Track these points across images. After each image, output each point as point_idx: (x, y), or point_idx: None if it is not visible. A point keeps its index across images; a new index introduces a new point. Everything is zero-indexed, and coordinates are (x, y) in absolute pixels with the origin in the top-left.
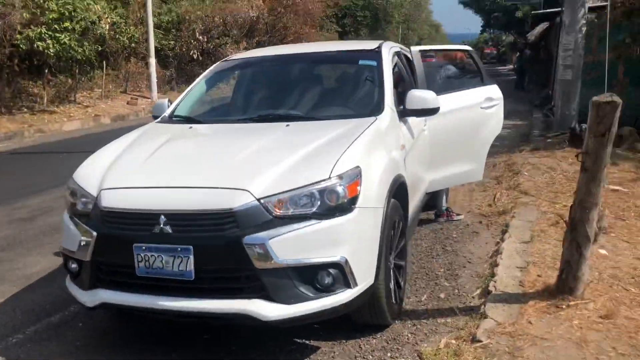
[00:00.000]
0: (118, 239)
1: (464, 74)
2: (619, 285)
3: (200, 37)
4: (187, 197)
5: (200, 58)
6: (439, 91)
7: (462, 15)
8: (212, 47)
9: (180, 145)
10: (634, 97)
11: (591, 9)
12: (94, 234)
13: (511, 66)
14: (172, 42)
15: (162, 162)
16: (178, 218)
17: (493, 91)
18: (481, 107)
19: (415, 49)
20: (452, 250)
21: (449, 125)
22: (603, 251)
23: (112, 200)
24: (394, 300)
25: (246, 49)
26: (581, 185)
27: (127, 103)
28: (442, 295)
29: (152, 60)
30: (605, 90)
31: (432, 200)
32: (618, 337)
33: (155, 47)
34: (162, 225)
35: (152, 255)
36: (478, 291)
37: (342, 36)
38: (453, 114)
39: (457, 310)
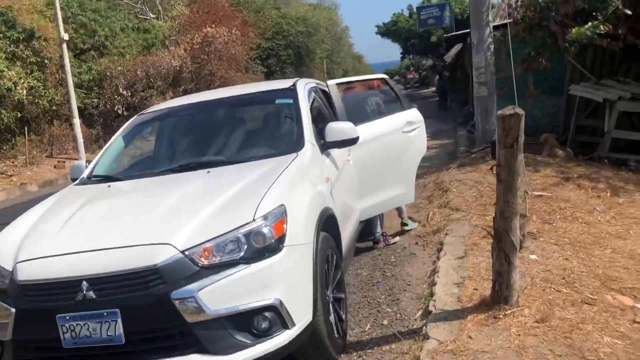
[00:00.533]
0: (39, 313)
1: (385, 101)
2: (552, 288)
3: (124, 92)
4: (108, 259)
5: (126, 113)
6: (363, 120)
7: (382, 44)
8: (137, 100)
9: (98, 206)
10: (548, 106)
11: (496, 27)
12: (12, 310)
13: (433, 88)
14: (95, 100)
15: (80, 225)
16: (101, 282)
17: (413, 115)
18: (403, 132)
19: (332, 82)
20: (392, 275)
21: (374, 152)
22: (533, 256)
23: (28, 273)
24: (336, 334)
25: (172, 98)
26: (499, 196)
27: (54, 167)
28: (385, 322)
29: (77, 121)
30: (515, 102)
31: (367, 227)
32: (554, 339)
33: (79, 107)
34: (84, 292)
35: (77, 324)
36: (419, 313)
37: (269, 76)
38: (376, 141)
39: (400, 335)
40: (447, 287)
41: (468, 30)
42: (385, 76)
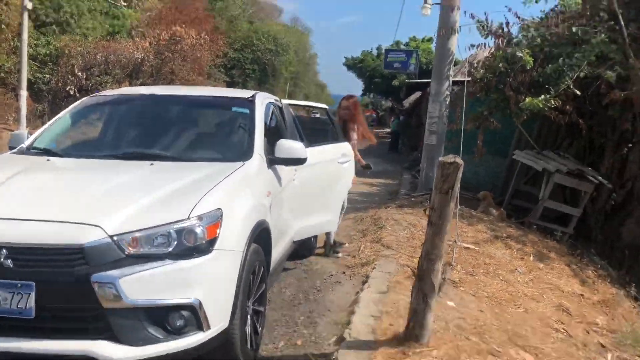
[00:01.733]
0: None
1: (324, 130)
2: (462, 335)
3: (80, 74)
4: (33, 230)
5: (78, 95)
6: (308, 143)
7: (346, 77)
8: (91, 84)
9: (32, 177)
10: (492, 166)
11: (455, 82)
12: None
13: (388, 130)
14: (47, 76)
15: (10, 193)
16: (21, 252)
17: (347, 148)
18: (338, 162)
19: (285, 101)
20: (314, 299)
21: (315, 176)
22: (451, 303)
23: None
24: (249, 345)
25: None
26: (428, 238)
27: None
28: (299, 342)
29: (24, 92)
30: (461, 156)
31: (299, 249)
32: None
33: (29, 80)
34: (2, 259)
35: None
36: (334, 338)
37: (231, 86)
38: (318, 166)
39: (312, 357)
40: (364, 318)
41: (429, 80)
42: (325, 106)
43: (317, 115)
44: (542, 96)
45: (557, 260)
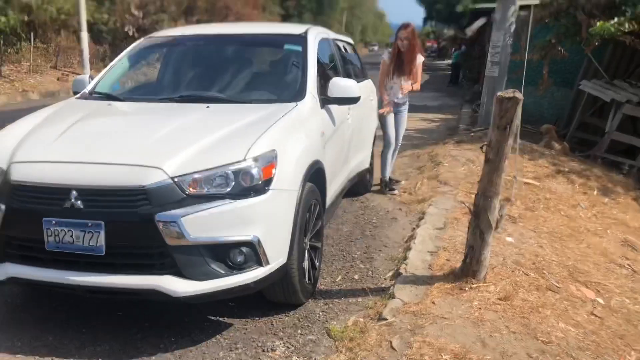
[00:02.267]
0: (27, 213)
1: (355, 66)
2: (520, 271)
3: (136, 12)
4: (99, 173)
5: (136, 35)
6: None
7: (406, 4)
8: (148, 23)
9: (96, 122)
10: (557, 97)
11: (522, 7)
12: (3, 207)
13: (449, 61)
14: (105, 16)
15: (77, 137)
16: (90, 193)
17: (372, 85)
18: (370, 99)
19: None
20: (371, 235)
21: (360, 114)
22: (510, 239)
23: (22, 174)
24: (307, 280)
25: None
26: (484, 175)
27: (58, 79)
28: (356, 277)
29: (84, 35)
30: (522, 89)
31: (355, 186)
32: (512, 317)
33: (88, 21)
34: (73, 200)
35: (62, 230)
36: (390, 273)
37: (285, 19)
38: (362, 103)
39: (369, 291)
40: (420, 254)
41: (494, 5)
42: (351, 41)
43: (376, 48)
44: (615, 19)
45: (623, 194)
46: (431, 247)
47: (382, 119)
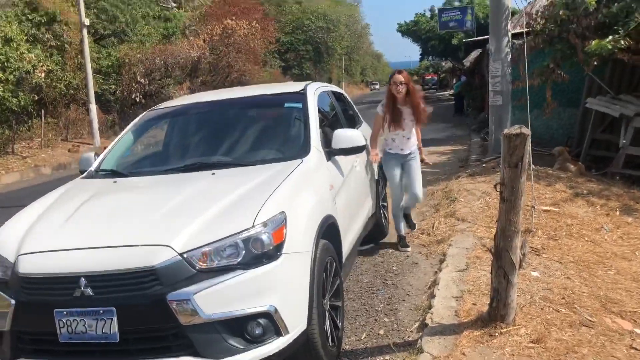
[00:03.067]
0: (38, 306)
1: (353, 112)
2: (550, 307)
3: (142, 80)
4: (107, 257)
5: (143, 101)
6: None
7: (402, 43)
8: (154, 89)
9: (102, 202)
10: (564, 118)
11: (515, 35)
12: (12, 302)
13: (451, 91)
14: (113, 86)
15: (82, 221)
16: (99, 279)
17: (368, 127)
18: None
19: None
20: (392, 284)
21: (364, 160)
22: (535, 273)
23: (29, 266)
24: (330, 342)
25: (190, 89)
26: (501, 215)
27: (69, 151)
28: (381, 332)
29: (93, 106)
30: (528, 114)
31: (370, 233)
32: None
33: (96, 92)
34: (82, 288)
35: (74, 320)
36: (416, 325)
37: (286, 71)
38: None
39: (395, 347)
40: (445, 300)
41: (488, 36)
42: (343, 91)
43: (377, 87)
44: (610, 37)
45: None
46: (455, 292)
47: (387, 172)
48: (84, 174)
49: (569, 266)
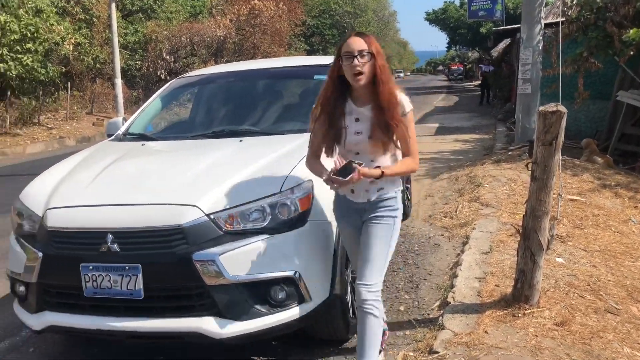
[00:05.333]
0: (64, 260)
1: None
2: (575, 293)
3: (168, 57)
4: (134, 214)
5: (168, 78)
6: None
7: (429, 32)
8: (179, 67)
9: (130, 163)
10: (593, 110)
11: (547, 25)
12: (40, 254)
13: (477, 82)
14: (139, 63)
15: (111, 179)
16: (125, 236)
17: None
18: None
19: None
20: (414, 263)
21: None
22: (560, 259)
23: (57, 220)
24: (351, 314)
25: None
26: (531, 194)
27: (93, 124)
28: (401, 308)
29: (118, 81)
30: (559, 102)
31: None
32: (572, 343)
33: (122, 68)
34: (109, 244)
35: (99, 275)
36: (437, 303)
37: (310, 54)
38: None
39: (416, 323)
40: (468, 281)
41: (518, 25)
42: None
43: (401, 75)
44: None
45: None
46: (478, 273)
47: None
48: (112, 137)
49: (594, 255)
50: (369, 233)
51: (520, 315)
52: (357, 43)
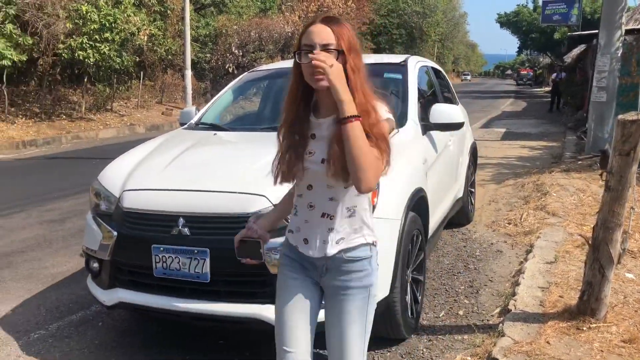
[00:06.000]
0: (137, 240)
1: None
2: None
3: (236, 51)
4: (205, 200)
5: (236, 72)
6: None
7: (499, 35)
8: (247, 61)
9: (203, 151)
10: None
11: (628, 31)
12: (115, 233)
13: (547, 88)
14: (208, 55)
15: (184, 166)
16: (196, 220)
17: (464, 109)
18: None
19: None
20: (475, 268)
21: (459, 140)
22: (630, 275)
23: (133, 201)
24: (410, 314)
25: None
26: (604, 205)
27: (162, 113)
28: (460, 312)
29: (188, 72)
30: (639, 111)
31: (455, 217)
32: None
33: (192, 60)
34: (180, 227)
35: (169, 257)
36: (497, 309)
37: (377, 52)
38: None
39: (475, 328)
40: (530, 290)
41: (595, 31)
42: (441, 69)
43: (468, 78)
44: None
45: None
46: (542, 283)
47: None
48: (185, 126)
49: None
50: (337, 309)
51: (585, 328)
52: (322, 34)
